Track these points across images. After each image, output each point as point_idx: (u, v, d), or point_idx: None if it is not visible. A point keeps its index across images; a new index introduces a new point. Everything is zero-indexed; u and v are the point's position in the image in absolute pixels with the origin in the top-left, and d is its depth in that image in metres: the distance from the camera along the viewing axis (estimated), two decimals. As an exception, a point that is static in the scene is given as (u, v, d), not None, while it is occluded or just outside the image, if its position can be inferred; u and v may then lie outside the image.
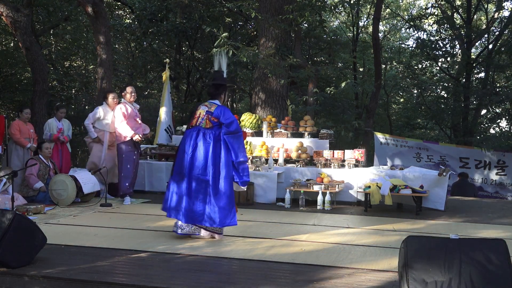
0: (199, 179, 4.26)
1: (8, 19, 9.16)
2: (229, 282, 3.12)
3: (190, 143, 4.33)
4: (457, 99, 14.50)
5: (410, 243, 2.87)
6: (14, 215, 3.41)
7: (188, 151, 4.31)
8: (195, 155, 4.29)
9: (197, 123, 4.40)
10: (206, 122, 4.37)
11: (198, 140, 4.32)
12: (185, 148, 4.34)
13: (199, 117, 4.41)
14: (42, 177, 6.50)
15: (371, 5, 16.45)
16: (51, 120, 7.56)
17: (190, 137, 4.35)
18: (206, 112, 4.38)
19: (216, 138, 4.31)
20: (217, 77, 4.57)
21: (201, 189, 4.27)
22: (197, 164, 4.28)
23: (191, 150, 4.31)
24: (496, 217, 5.96)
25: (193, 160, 4.29)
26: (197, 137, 4.33)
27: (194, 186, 4.28)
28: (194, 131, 4.37)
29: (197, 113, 4.43)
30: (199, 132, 4.35)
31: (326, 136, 7.71)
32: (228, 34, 8.54)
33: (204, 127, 4.36)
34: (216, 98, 4.52)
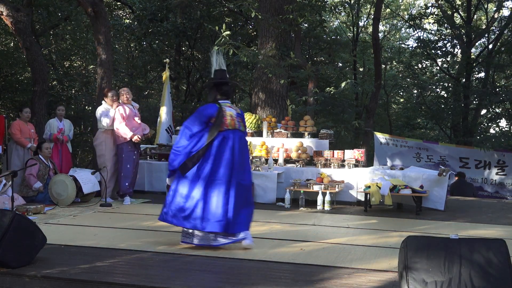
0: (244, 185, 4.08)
1: (8, 19, 9.15)
2: (229, 282, 3.12)
3: (235, 146, 4.04)
4: (457, 99, 14.50)
5: (410, 243, 2.87)
6: (14, 215, 3.41)
7: (236, 154, 4.04)
8: (243, 159, 4.10)
9: (235, 125, 4.11)
10: (242, 125, 4.21)
11: (241, 145, 4.11)
12: (231, 151, 4.02)
13: (232, 119, 4.11)
14: (42, 177, 6.50)
15: (371, 5, 16.45)
16: (52, 120, 7.56)
17: (233, 140, 4.05)
18: (237, 115, 4.19)
19: (246, 142, 4.24)
20: (223, 76, 4.30)
21: (244, 195, 4.08)
22: (245, 168, 4.11)
23: (239, 153, 4.07)
24: (496, 217, 5.96)
25: (241, 164, 4.07)
26: (240, 140, 4.11)
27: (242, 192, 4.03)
28: (234, 134, 4.07)
29: (227, 114, 4.09)
30: (241, 135, 4.15)
31: (326, 136, 7.70)
32: (230, 32, 8.52)
33: (242, 130, 4.19)
34: (230, 98, 4.34)
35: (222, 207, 3.92)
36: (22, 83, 14.15)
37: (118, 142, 6.72)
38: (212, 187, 3.95)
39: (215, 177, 3.96)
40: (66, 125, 7.66)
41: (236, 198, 3.96)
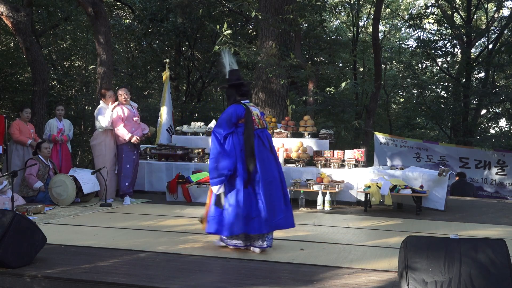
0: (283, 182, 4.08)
1: (8, 19, 9.15)
2: (229, 282, 3.12)
3: (271, 145, 4.09)
4: (457, 99, 14.50)
5: (410, 243, 2.87)
6: (14, 215, 3.41)
7: (274, 153, 4.08)
8: (275, 158, 4.09)
9: (263, 124, 4.12)
10: (268, 124, 4.24)
11: (271, 142, 4.13)
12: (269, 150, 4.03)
13: (259, 118, 4.10)
14: (42, 177, 6.50)
15: (371, 5, 16.45)
16: (52, 120, 7.54)
17: (267, 139, 4.07)
18: (261, 114, 4.20)
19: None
20: (237, 76, 4.20)
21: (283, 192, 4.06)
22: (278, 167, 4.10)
23: (275, 152, 4.12)
24: (496, 217, 5.96)
25: (276, 164, 4.07)
26: (270, 139, 4.12)
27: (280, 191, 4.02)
28: (264, 133, 4.07)
29: (254, 114, 4.06)
30: (268, 134, 4.15)
31: (326, 136, 7.70)
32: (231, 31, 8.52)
33: (268, 129, 4.22)
34: (249, 98, 4.29)
35: (281, 205, 3.95)
36: (22, 83, 14.16)
37: (118, 143, 6.71)
38: (271, 187, 3.90)
39: (269, 177, 3.91)
40: (66, 125, 7.64)
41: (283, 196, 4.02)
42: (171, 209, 6.16)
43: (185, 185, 6.83)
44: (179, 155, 7.74)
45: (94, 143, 6.84)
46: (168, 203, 6.70)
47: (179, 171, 7.28)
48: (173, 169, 7.55)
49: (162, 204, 6.63)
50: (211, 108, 15.70)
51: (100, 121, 6.70)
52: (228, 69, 4.22)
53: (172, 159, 7.78)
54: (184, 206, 6.40)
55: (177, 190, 6.91)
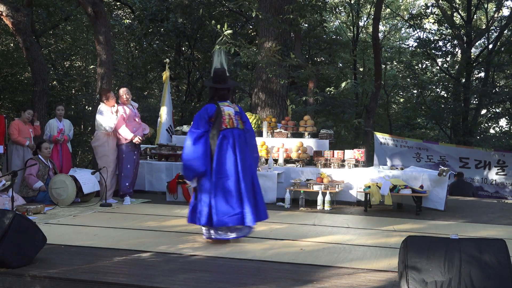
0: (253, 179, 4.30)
1: (8, 19, 9.15)
2: (229, 282, 3.12)
3: (235, 144, 4.23)
4: (457, 99, 14.51)
5: (410, 243, 2.87)
6: (14, 215, 3.41)
7: (236, 153, 4.22)
8: (244, 156, 4.25)
9: (233, 124, 4.30)
10: (241, 124, 4.39)
11: (241, 141, 4.28)
12: (232, 149, 4.22)
13: (231, 119, 4.31)
14: (42, 177, 6.50)
15: (371, 5, 16.45)
16: (52, 121, 7.52)
17: (233, 139, 4.24)
18: (236, 113, 4.38)
19: (248, 138, 4.39)
20: (224, 78, 4.47)
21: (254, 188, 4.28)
22: (247, 164, 4.25)
23: (240, 151, 4.25)
24: (496, 217, 5.96)
25: (244, 161, 4.23)
26: (239, 138, 4.28)
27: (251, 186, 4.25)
28: (233, 133, 4.26)
29: (225, 113, 4.29)
30: (239, 133, 4.31)
31: (326, 136, 7.70)
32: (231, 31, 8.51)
33: (241, 128, 4.37)
34: (229, 99, 4.51)
35: (233, 202, 4.14)
36: (22, 83, 14.16)
37: (119, 143, 6.70)
38: (221, 185, 4.14)
39: (221, 175, 4.15)
40: (66, 125, 7.63)
41: (246, 192, 4.15)
42: (171, 209, 6.16)
43: (185, 185, 6.83)
44: (179, 155, 7.74)
45: (96, 144, 6.76)
46: (168, 203, 6.70)
47: (179, 171, 7.27)
48: (173, 169, 7.55)
49: (162, 204, 6.63)
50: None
51: (103, 124, 6.62)
52: (214, 67, 4.49)
53: (172, 159, 7.78)
54: (184, 206, 6.39)
55: (177, 190, 6.92)
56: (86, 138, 14.70)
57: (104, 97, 6.77)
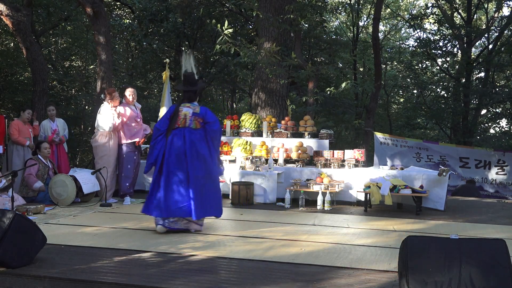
0: (197, 176, 4.53)
1: (8, 19, 9.15)
2: (229, 282, 3.12)
3: (182, 143, 4.56)
4: (457, 98, 14.51)
5: (410, 243, 2.87)
6: (14, 215, 3.41)
7: (183, 152, 4.54)
8: (191, 154, 4.54)
9: (185, 124, 4.62)
10: (195, 124, 4.64)
11: (193, 140, 4.58)
12: (178, 149, 4.55)
13: (186, 119, 4.63)
14: (42, 177, 6.50)
15: (371, 5, 16.45)
16: (45, 122, 7.47)
17: (182, 137, 4.58)
18: (193, 114, 4.65)
19: (205, 138, 4.65)
20: (191, 80, 4.79)
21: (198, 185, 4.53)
22: (197, 163, 4.54)
23: (191, 150, 4.55)
24: (496, 217, 5.96)
25: (193, 160, 4.55)
26: (190, 136, 4.59)
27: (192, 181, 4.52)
28: (184, 131, 4.60)
29: (181, 114, 4.64)
30: (191, 132, 4.60)
31: (326, 136, 7.70)
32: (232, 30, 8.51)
33: (194, 128, 4.63)
34: (195, 100, 4.80)
35: (180, 195, 4.50)
36: (22, 83, 14.16)
37: (120, 143, 6.69)
38: (170, 178, 4.51)
39: (170, 169, 4.52)
40: (60, 125, 7.55)
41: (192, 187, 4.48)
42: (171, 209, 6.15)
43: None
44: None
45: (96, 144, 6.74)
46: (168, 203, 6.69)
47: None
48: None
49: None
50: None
51: (100, 123, 6.61)
52: (183, 72, 4.83)
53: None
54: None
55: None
56: (86, 138, 14.68)
57: (109, 96, 6.72)
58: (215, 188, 4.74)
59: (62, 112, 13.71)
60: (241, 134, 7.99)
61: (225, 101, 20.30)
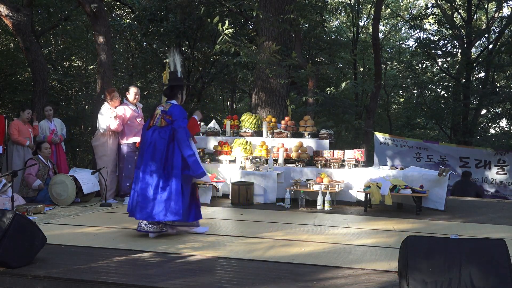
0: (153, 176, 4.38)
1: (8, 19, 9.15)
2: (229, 282, 3.12)
3: (148, 142, 4.49)
4: (457, 99, 14.51)
5: (410, 243, 2.87)
6: (14, 215, 3.41)
7: (146, 151, 4.46)
8: (153, 153, 4.42)
9: (153, 123, 4.56)
10: (161, 121, 4.53)
11: (154, 139, 4.46)
12: (143, 148, 4.53)
13: (155, 118, 4.57)
14: (42, 177, 6.50)
15: (371, 5, 16.45)
16: (43, 122, 7.49)
17: (148, 137, 4.52)
18: (162, 112, 4.56)
19: (170, 136, 4.46)
20: (171, 78, 4.74)
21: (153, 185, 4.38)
22: (154, 162, 4.40)
23: (150, 148, 4.45)
24: (496, 217, 5.96)
25: (151, 159, 4.42)
26: (152, 134, 4.49)
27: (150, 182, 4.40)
28: (151, 131, 4.53)
29: (155, 114, 4.60)
30: (155, 131, 4.51)
31: (326, 136, 7.70)
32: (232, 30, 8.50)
33: (159, 126, 4.52)
34: (173, 99, 4.68)
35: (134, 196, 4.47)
36: (22, 83, 14.16)
37: (120, 143, 6.69)
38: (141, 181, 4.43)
39: (138, 170, 4.49)
40: (58, 125, 7.59)
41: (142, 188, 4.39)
42: (171, 209, 6.15)
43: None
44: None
45: (96, 144, 6.77)
46: (168, 203, 6.68)
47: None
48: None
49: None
50: (211, 108, 15.70)
51: (100, 124, 6.64)
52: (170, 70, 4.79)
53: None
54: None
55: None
56: (86, 138, 14.69)
57: (108, 96, 6.74)
58: (171, 189, 4.35)
59: (62, 112, 13.74)
60: (241, 134, 7.99)
61: (225, 101, 20.31)
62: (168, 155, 4.40)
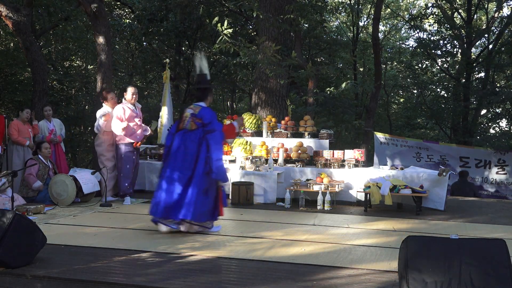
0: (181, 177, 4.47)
1: (8, 19, 9.15)
2: (229, 282, 3.12)
3: (177, 144, 4.57)
4: (457, 99, 14.51)
5: (410, 243, 2.87)
6: (14, 215, 3.41)
7: (175, 152, 4.55)
8: (185, 156, 4.51)
9: (183, 126, 4.64)
10: (191, 124, 4.61)
11: (185, 142, 4.54)
12: (172, 149, 4.58)
13: (185, 120, 4.64)
14: (42, 177, 6.49)
15: (371, 5, 16.44)
16: (42, 122, 7.51)
17: (177, 139, 4.59)
18: (191, 115, 4.63)
19: (200, 139, 4.53)
20: (202, 80, 4.82)
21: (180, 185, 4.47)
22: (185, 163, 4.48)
23: (180, 150, 4.53)
24: (496, 217, 5.96)
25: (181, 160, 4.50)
26: (182, 137, 4.57)
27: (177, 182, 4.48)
28: (181, 134, 4.60)
29: (184, 116, 4.67)
30: (185, 134, 4.57)
31: (326, 136, 7.70)
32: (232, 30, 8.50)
33: (190, 129, 4.60)
34: (203, 101, 4.77)
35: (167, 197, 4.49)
36: (22, 83, 14.16)
37: (118, 143, 6.70)
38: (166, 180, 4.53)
39: (165, 173, 4.55)
40: (57, 125, 7.60)
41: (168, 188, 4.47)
42: (171, 209, 6.15)
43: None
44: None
45: (95, 143, 6.92)
46: (168, 203, 6.68)
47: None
48: (173, 169, 7.53)
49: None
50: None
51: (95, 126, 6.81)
52: (197, 73, 4.88)
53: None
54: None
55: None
56: (86, 138, 14.70)
57: (102, 98, 6.88)
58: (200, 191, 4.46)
59: (62, 112, 13.74)
60: (241, 134, 7.99)
61: (225, 101, 20.31)
62: (198, 158, 4.49)
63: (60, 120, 8.00)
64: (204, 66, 4.83)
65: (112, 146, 6.77)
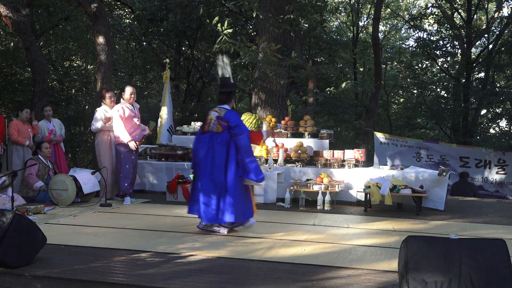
0: (215, 181, 4.52)
1: (8, 19, 9.15)
2: (229, 282, 3.12)
3: (205, 148, 4.59)
4: (457, 99, 14.51)
5: (410, 243, 2.87)
6: (14, 215, 3.41)
7: (204, 156, 4.57)
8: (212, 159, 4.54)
9: (209, 128, 4.64)
10: (217, 127, 4.61)
11: (212, 145, 4.56)
12: (201, 153, 4.61)
13: (210, 123, 4.65)
14: (42, 177, 6.49)
15: (371, 5, 16.44)
16: (41, 122, 7.52)
17: (204, 142, 4.62)
18: (217, 118, 4.64)
19: (227, 141, 4.55)
20: (226, 83, 4.84)
21: (216, 189, 4.52)
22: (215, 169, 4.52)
23: (209, 154, 4.57)
24: (496, 217, 5.96)
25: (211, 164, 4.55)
26: (209, 140, 4.59)
27: (212, 186, 4.53)
28: (207, 137, 4.62)
29: (208, 119, 4.68)
30: (212, 137, 4.60)
31: (326, 136, 7.70)
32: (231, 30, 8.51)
33: (216, 131, 4.60)
34: (227, 103, 4.77)
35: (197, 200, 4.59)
36: (22, 83, 14.16)
37: (117, 143, 6.70)
38: (198, 184, 4.61)
39: (199, 174, 4.61)
40: (56, 125, 7.62)
41: (204, 193, 4.52)
42: (171, 209, 6.16)
43: (185, 185, 6.83)
44: (179, 155, 7.74)
45: (95, 143, 6.95)
46: (168, 203, 6.70)
47: (179, 171, 7.28)
48: (173, 169, 7.56)
49: (162, 204, 6.63)
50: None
51: (92, 126, 6.85)
52: (220, 76, 4.90)
53: (172, 159, 7.78)
54: (184, 206, 6.34)
55: (177, 190, 6.91)
56: (86, 138, 14.70)
57: (102, 97, 6.95)
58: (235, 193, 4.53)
59: (62, 112, 13.74)
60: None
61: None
62: (228, 160, 4.52)
63: (60, 120, 8.01)
64: (227, 69, 4.84)
65: (110, 146, 6.78)
